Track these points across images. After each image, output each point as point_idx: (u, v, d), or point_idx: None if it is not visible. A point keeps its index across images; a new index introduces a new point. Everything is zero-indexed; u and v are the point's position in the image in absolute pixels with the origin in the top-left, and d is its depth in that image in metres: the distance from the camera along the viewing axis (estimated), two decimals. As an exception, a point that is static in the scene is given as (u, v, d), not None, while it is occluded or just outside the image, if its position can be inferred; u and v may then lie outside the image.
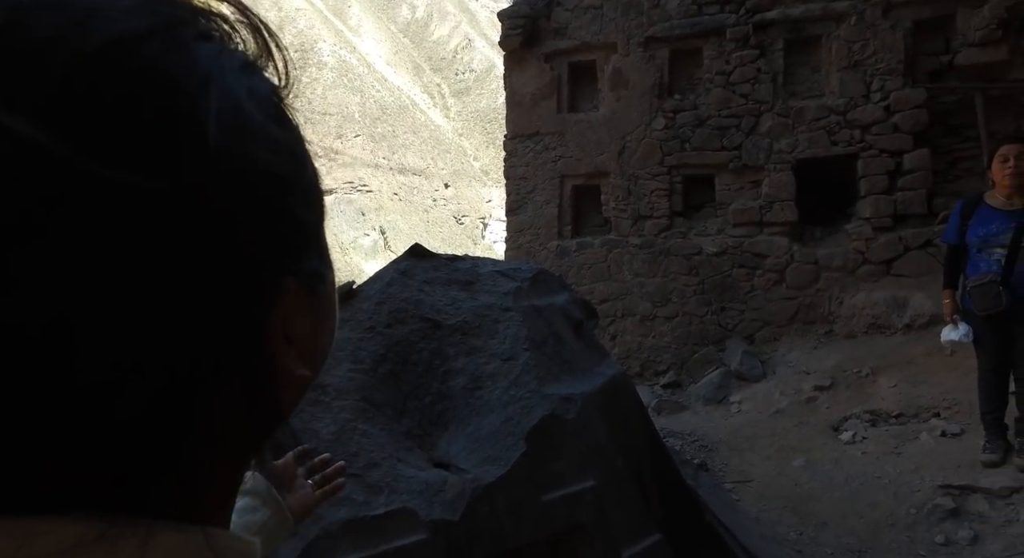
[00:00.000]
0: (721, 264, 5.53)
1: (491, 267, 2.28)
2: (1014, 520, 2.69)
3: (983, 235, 2.89)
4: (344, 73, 21.46)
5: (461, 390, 1.82)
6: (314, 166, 0.29)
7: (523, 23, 6.05)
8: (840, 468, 3.35)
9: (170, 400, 0.22)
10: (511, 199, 6.31)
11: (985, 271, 2.86)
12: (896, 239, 5.11)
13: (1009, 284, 2.80)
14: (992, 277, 2.82)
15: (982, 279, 2.85)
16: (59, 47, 0.20)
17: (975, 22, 4.90)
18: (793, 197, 5.38)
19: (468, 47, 27.53)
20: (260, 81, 0.26)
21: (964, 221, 2.97)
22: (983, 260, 2.89)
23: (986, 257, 2.88)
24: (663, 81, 5.76)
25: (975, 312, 2.89)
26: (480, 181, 21.61)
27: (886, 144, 5.15)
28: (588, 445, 1.81)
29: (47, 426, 0.20)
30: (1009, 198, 2.86)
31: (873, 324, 4.94)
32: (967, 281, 2.94)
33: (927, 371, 4.10)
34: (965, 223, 2.97)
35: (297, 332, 0.27)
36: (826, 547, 2.77)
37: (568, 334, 2.21)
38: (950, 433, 3.43)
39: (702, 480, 2.75)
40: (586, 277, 5.89)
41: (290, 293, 0.26)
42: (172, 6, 0.24)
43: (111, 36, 0.21)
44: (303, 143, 0.28)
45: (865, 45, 5.19)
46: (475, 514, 1.50)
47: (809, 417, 4.08)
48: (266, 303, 0.25)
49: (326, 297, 0.30)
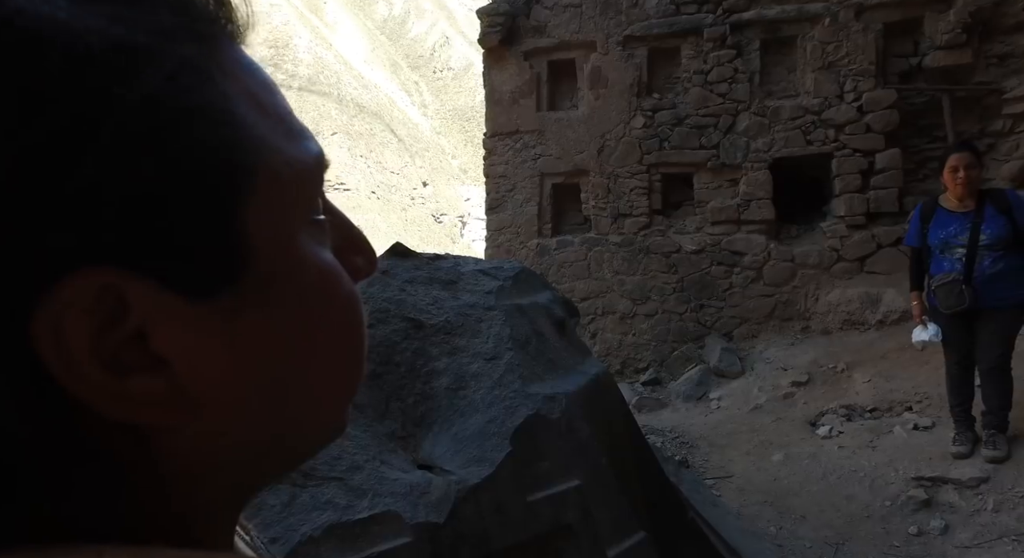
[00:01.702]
0: (700, 262, 5.59)
1: (473, 266, 2.27)
2: (982, 510, 2.77)
3: (943, 237, 2.98)
4: (320, 70, 21.20)
5: (444, 390, 1.80)
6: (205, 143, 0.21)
7: (502, 21, 6.04)
8: (817, 462, 3.42)
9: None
10: (491, 198, 6.29)
11: (948, 270, 2.95)
12: (869, 237, 5.22)
13: (971, 282, 2.89)
14: (955, 276, 2.91)
15: (945, 278, 2.94)
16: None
17: (941, 26, 5.03)
18: (770, 195, 5.47)
19: (446, 45, 27.39)
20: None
21: (924, 224, 3.07)
22: (946, 260, 2.98)
23: (948, 257, 2.97)
24: (642, 80, 5.80)
25: (941, 310, 2.98)
26: (459, 179, 21.55)
27: (859, 144, 5.26)
28: (572, 444, 1.80)
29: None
30: (962, 200, 2.97)
31: (848, 320, 5.04)
32: (931, 280, 3.03)
33: (899, 366, 4.20)
34: (925, 226, 3.06)
35: (178, 355, 0.21)
36: (805, 540, 2.82)
37: (551, 333, 2.21)
38: (922, 426, 3.52)
39: (684, 477, 2.78)
40: (566, 275, 5.90)
41: (93, 291, 0.19)
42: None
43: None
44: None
45: (838, 46, 5.29)
46: (460, 516, 1.49)
47: (787, 412, 4.15)
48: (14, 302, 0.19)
49: (260, 313, 0.22)
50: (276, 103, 0.24)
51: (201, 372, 0.22)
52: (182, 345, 0.21)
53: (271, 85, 0.25)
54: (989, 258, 2.88)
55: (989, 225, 2.88)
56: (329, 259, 0.25)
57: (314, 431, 0.27)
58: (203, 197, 0.21)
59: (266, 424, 0.24)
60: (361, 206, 18.41)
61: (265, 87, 0.24)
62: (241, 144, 0.22)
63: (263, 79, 0.24)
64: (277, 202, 0.23)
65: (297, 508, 1.29)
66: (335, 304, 0.25)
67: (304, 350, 0.24)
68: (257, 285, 0.22)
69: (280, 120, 0.24)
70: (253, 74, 0.24)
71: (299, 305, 0.24)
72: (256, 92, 0.23)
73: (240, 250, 0.22)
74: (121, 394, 0.20)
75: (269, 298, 0.23)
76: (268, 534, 1.21)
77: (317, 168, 0.25)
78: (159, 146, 0.20)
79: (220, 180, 0.21)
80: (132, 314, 0.20)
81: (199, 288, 0.21)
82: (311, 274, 0.24)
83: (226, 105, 0.22)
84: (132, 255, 0.20)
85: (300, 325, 0.24)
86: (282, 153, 0.23)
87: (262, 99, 0.23)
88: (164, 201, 0.20)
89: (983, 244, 2.88)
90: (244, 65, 0.24)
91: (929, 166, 5.33)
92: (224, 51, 0.23)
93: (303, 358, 0.24)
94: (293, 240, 0.24)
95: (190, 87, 0.21)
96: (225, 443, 0.23)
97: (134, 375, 0.20)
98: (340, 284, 0.25)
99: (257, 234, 0.22)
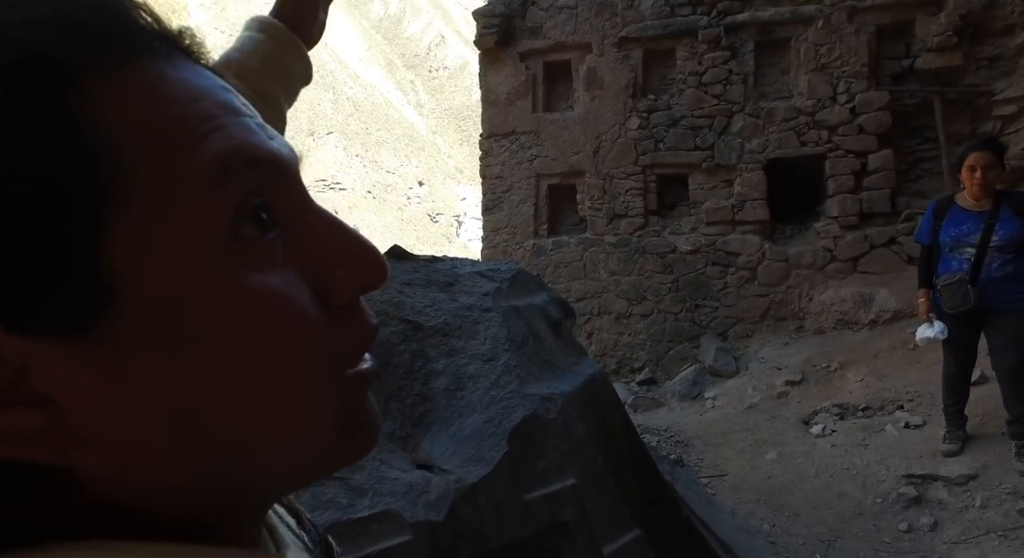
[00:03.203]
0: (695, 262, 5.63)
1: (470, 268, 2.29)
2: (970, 506, 2.82)
3: (955, 235, 2.95)
4: (316, 69, 21.13)
5: (443, 391, 1.83)
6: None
7: (498, 22, 6.06)
8: (811, 460, 3.46)
9: None
10: (487, 198, 6.31)
11: (956, 270, 2.91)
12: (862, 237, 5.27)
13: (977, 282, 2.86)
14: (961, 276, 2.88)
15: (952, 278, 2.90)
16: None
17: (933, 28, 5.08)
18: (764, 196, 5.51)
19: (442, 44, 27.30)
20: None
21: (937, 222, 3.03)
22: (954, 259, 2.95)
23: (957, 256, 2.94)
24: (637, 81, 5.83)
25: (945, 309, 2.94)
26: (454, 179, 21.51)
27: (852, 145, 5.30)
28: (569, 444, 1.83)
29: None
30: (978, 200, 2.92)
31: (841, 320, 5.09)
32: (938, 280, 2.99)
33: (892, 365, 4.25)
34: (938, 224, 3.02)
35: (58, 391, 0.21)
36: (798, 538, 2.86)
37: (547, 334, 2.24)
38: (913, 425, 3.56)
39: (679, 475, 2.81)
40: (562, 276, 5.93)
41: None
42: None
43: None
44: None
45: (831, 48, 5.33)
46: (459, 514, 1.52)
47: (781, 411, 4.19)
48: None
49: (145, 346, 0.21)
50: (180, 112, 0.23)
51: (84, 407, 0.21)
52: (60, 381, 0.21)
53: (183, 93, 0.23)
54: (999, 260, 2.84)
55: (1003, 226, 2.83)
56: (257, 283, 0.23)
57: (272, 463, 0.25)
58: (49, 235, 0.20)
59: (184, 457, 0.23)
60: (357, 205, 18.39)
61: (181, 100, 0.23)
62: (98, 171, 0.21)
63: (181, 92, 0.23)
64: (155, 225, 0.21)
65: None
66: (257, 330, 0.23)
67: (216, 381, 0.22)
68: (141, 316, 0.21)
69: (178, 131, 0.22)
70: (157, 88, 0.22)
71: (204, 334, 0.22)
72: (148, 108, 0.22)
73: (101, 284, 0.21)
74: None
75: (159, 329, 0.21)
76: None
77: (234, 171, 0.23)
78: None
79: (71, 213, 0.20)
80: (5, 354, 0.20)
81: (58, 328, 0.20)
82: (219, 301, 0.22)
83: (84, 133, 0.21)
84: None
85: (206, 356, 0.22)
86: (164, 171, 0.22)
87: (154, 114, 0.22)
88: (8, 242, 0.19)
89: (994, 245, 2.84)
90: (150, 83, 0.22)
91: (921, 167, 5.38)
92: (116, 73, 0.22)
93: (216, 390, 0.23)
94: (187, 266, 0.22)
95: (35, 120, 0.20)
96: (140, 475, 0.23)
97: (12, 409, 0.20)
98: (268, 307, 0.23)
99: (130, 266, 0.21)
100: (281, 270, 0.25)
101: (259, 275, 0.24)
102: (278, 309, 0.24)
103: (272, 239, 0.25)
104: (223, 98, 0.24)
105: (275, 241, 0.25)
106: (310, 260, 0.26)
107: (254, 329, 0.23)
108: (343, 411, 0.26)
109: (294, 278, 0.25)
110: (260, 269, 0.24)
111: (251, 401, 0.23)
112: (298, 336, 0.24)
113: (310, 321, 0.25)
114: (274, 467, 0.25)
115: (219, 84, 0.25)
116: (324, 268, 0.26)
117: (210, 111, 0.23)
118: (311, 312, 0.25)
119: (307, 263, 0.26)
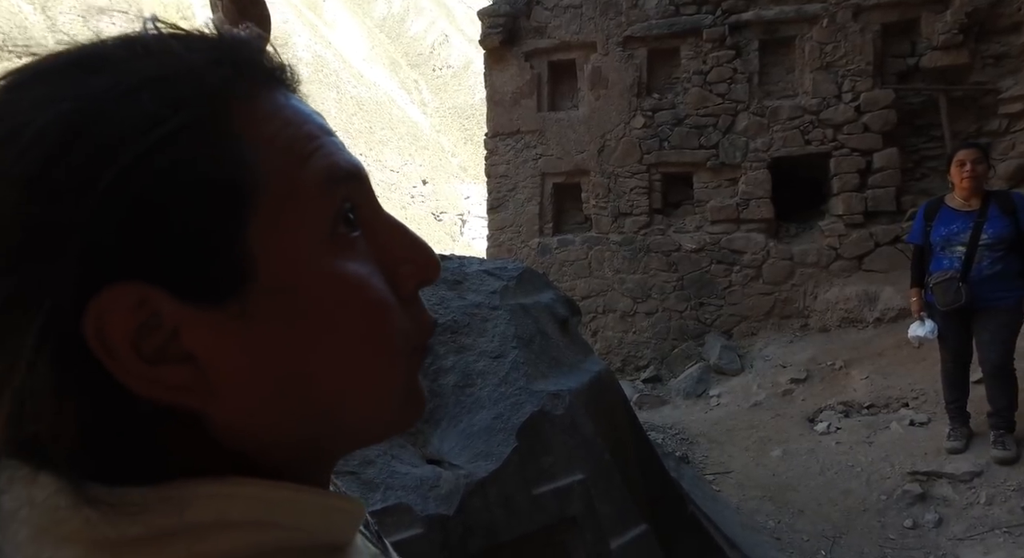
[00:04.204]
0: (700, 260, 5.64)
1: (478, 266, 2.32)
2: (975, 503, 2.83)
3: (945, 235, 3.01)
4: (319, 68, 21.16)
5: (452, 388, 1.85)
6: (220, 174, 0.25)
7: (503, 22, 6.07)
8: (815, 458, 3.47)
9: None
10: (492, 197, 6.34)
11: (947, 268, 2.98)
12: (867, 235, 5.27)
13: (968, 280, 2.92)
14: (953, 274, 2.94)
15: (943, 276, 2.97)
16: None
17: (938, 26, 5.07)
18: (769, 194, 5.51)
19: (445, 43, 27.33)
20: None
21: (927, 222, 3.10)
22: (945, 258, 3.01)
23: (948, 255, 3.00)
24: (642, 80, 5.84)
25: (937, 307, 3.01)
26: (458, 178, 21.53)
27: (857, 143, 5.30)
28: (576, 440, 1.85)
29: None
30: (967, 200, 2.99)
31: (846, 318, 5.10)
32: (930, 278, 3.05)
33: (896, 363, 4.26)
34: (928, 224, 3.09)
35: (200, 351, 0.25)
36: (803, 534, 2.88)
37: (554, 331, 2.26)
38: (918, 422, 3.57)
39: (684, 472, 2.83)
40: (567, 274, 5.95)
41: (131, 301, 0.24)
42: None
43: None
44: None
45: (836, 47, 5.33)
46: (469, 508, 1.54)
47: (786, 409, 4.20)
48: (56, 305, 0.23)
49: (270, 317, 0.26)
50: (293, 135, 0.28)
51: (219, 366, 0.26)
52: (203, 343, 0.26)
53: (294, 119, 0.29)
54: (989, 258, 2.90)
55: (992, 225, 2.91)
56: (348, 269, 0.28)
57: (357, 418, 0.30)
58: (206, 225, 0.25)
59: (292, 412, 0.27)
60: (361, 205, 18.47)
61: (286, 123, 0.28)
62: (241, 180, 0.26)
63: (285, 117, 0.28)
64: (281, 222, 0.27)
65: (314, 500, 1.34)
66: (349, 309, 0.28)
67: (316, 350, 0.27)
68: (266, 292, 0.26)
69: (294, 149, 0.28)
70: (275, 115, 0.28)
71: (309, 309, 0.27)
72: (272, 132, 0.28)
73: (243, 264, 0.26)
74: (153, 379, 0.25)
75: (279, 303, 0.26)
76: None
77: (333, 183, 0.29)
78: (169, 186, 0.25)
79: (221, 210, 0.26)
80: (164, 318, 0.25)
81: (209, 299, 0.25)
82: (321, 282, 0.27)
83: (228, 151, 0.26)
84: (155, 273, 0.25)
85: (312, 327, 0.27)
86: (287, 180, 0.27)
87: (277, 136, 0.28)
88: (176, 230, 0.25)
89: (984, 243, 2.91)
90: (266, 111, 0.28)
91: (926, 165, 5.38)
92: (248, 103, 0.27)
93: (317, 357, 0.27)
94: (302, 252, 0.27)
95: (194, 140, 0.25)
96: (257, 427, 0.27)
97: (165, 365, 0.25)
98: (356, 293, 0.28)
99: (261, 250, 0.26)
100: (365, 262, 0.30)
101: (352, 264, 0.29)
102: (368, 292, 0.29)
103: (357, 237, 0.30)
104: (318, 122, 0.30)
105: (359, 238, 0.30)
106: (381, 258, 0.31)
107: (350, 308, 0.28)
108: (407, 383, 0.31)
109: (375, 270, 0.30)
110: (352, 259, 0.29)
111: (347, 367, 0.28)
112: (383, 315, 0.29)
113: (391, 304, 0.30)
114: (356, 425, 0.30)
115: (314, 110, 0.31)
116: (392, 265, 0.31)
117: (313, 132, 0.29)
118: (391, 298, 0.30)
119: (379, 260, 0.31)
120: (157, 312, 0.25)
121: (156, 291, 0.25)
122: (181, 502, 0.25)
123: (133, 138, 0.24)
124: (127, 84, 0.25)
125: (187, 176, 0.25)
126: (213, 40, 0.28)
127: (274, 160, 0.27)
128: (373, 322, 0.29)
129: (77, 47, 0.27)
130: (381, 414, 0.31)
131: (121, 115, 0.25)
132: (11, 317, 0.24)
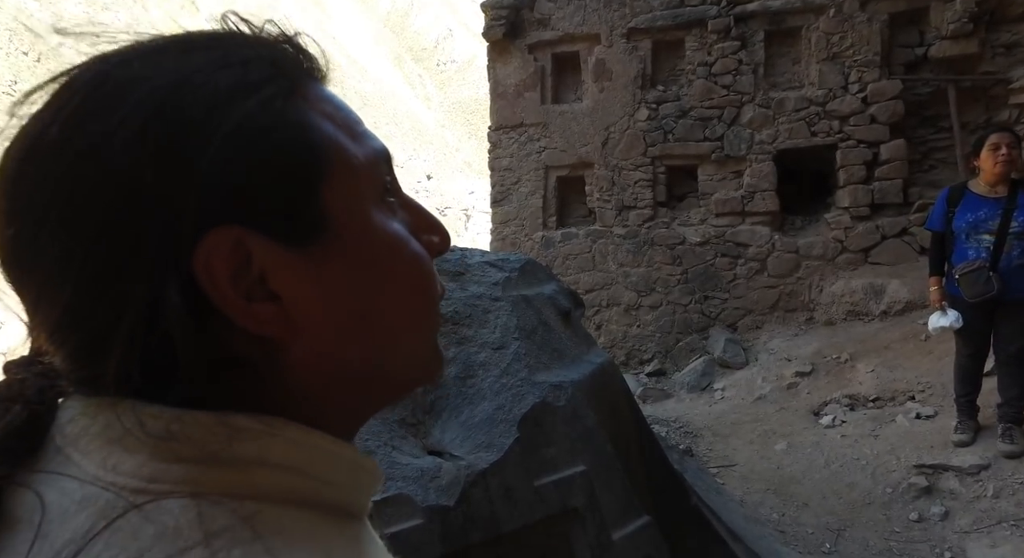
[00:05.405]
0: (704, 254, 5.61)
1: (480, 258, 2.31)
2: (982, 496, 2.81)
3: (972, 221, 2.91)
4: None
5: (453, 379, 1.84)
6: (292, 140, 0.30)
7: (506, 14, 6.04)
8: (820, 451, 3.45)
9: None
10: (496, 190, 6.32)
11: (973, 258, 2.87)
12: (873, 228, 5.23)
13: (997, 269, 2.82)
14: (981, 263, 2.84)
15: (971, 266, 2.86)
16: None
17: (947, 15, 5.00)
18: (774, 187, 5.47)
19: (449, 37, 27.28)
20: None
21: (950, 209, 2.98)
22: (971, 247, 2.91)
23: (974, 244, 2.90)
24: (646, 72, 5.80)
25: (964, 298, 2.90)
26: (463, 173, 21.51)
27: (863, 135, 5.25)
28: (578, 431, 1.85)
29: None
30: (994, 186, 2.88)
31: (851, 311, 5.06)
32: (954, 269, 2.95)
33: (903, 356, 4.22)
34: (951, 210, 2.98)
35: (285, 290, 0.29)
36: (807, 527, 2.86)
37: (556, 323, 2.25)
38: (924, 415, 3.55)
39: (688, 465, 2.82)
40: (571, 267, 5.93)
41: (230, 243, 0.28)
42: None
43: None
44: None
45: (843, 37, 5.27)
46: (470, 499, 1.54)
47: (790, 402, 4.18)
48: (173, 245, 0.27)
49: (339, 263, 0.31)
50: (346, 117, 0.34)
51: (300, 304, 0.30)
52: (286, 284, 0.30)
53: (342, 105, 0.34)
54: (1018, 247, 2.80)
55: (1022, 212, 2.81)
56: (395, 227, 0.34)
57: (403, 362, 0.34)
58: (293, 180, 0.30)
59: (358, 348, 0.32)
60: (366, 200, 18.49)
61: (337, 107, 0.34)
62: (317, 144, 0.31)
63: (336, 102, 0.34)
64: (347, 184, 0.32)
65: (314, 490, 1.34)
66: (400, 259, 0.33)
67: (378, 292, 0.32)
68: (336, 241, 0.31)
69: (348, 128, 0.34)
70: (329, 100, 0.34)
71: (370, 257, 0.32)
72: (330, 111, 0.33)
73: (321, 215, 0.30)
74: (250, 313, 0.29)
75: (347, 251, 0.31)
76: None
77: (378, 160, 0.34)
78: (262, 146, 0.29)
79: (304, 168, 0.30)
80: (255, 260, 0.29)
81: (295, 242, 0.30)
82: (379, 236, 0.33)
83: (305, 119, 0.31)
84: (250, 218, 0.29)
85: (373, 273, 0.32)
86: (348, 150, 0.32)
87: (334, 115, 0.33)
88: (269, 182, 0.29)
89: (1014, 232, 2.81)
90: (322, 94, 0.33)
91: (934, 157, 5.32)
92: (308, 86, 0.33)
93: (378, 299, 0.32)
94: (363, 211, 0.32)
95: (278, 109, 0.30)
96: (329, 362, 0.31)
97: (257, 302, 0.29)
98: (405, 246, 0.34)
99: (333, 205, 0.31)
100: (405, 226, 0.35)
101: (397, 224, 0.34)
102: (414, 246, 0.35)
103: (395, 205, 0.35)
104: (353, 109, 0.36)
105: (397, 207, 0.35)
106: (411, 225, 0.36)
107: (403, 258, 0.34)
108: (435, 336, 0.37)
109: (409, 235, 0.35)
110: (395, 220, 0.34)
111: (402, 307, 0.33)
112: (427, 267, 0.35)
113: (429, 258, 0.35)
114: (399, 368, 0.34)
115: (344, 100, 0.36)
116: (420, 232, 0.36)
117: (355, 117, 0.35)
118: (427, 254, 0.35)
119: (411, 227, 0.36)
120: (249, 254, 0.28)
121: (252, 234, 0.28)
122: (231, 432, 0.28)
123: (239, 100, 0.29)
124: (224, 60, 0.30)
125: (280, 136, 0.29)
126: (277, 32, 0.33)
127: (336, 133, 0.32)
128: (420, 271, 0.34)
129: (166, 36, 0.31)
130: (418, 359, 0.35)
131: (222, 84, 0.29)
132: (143, 255, 0.27)
